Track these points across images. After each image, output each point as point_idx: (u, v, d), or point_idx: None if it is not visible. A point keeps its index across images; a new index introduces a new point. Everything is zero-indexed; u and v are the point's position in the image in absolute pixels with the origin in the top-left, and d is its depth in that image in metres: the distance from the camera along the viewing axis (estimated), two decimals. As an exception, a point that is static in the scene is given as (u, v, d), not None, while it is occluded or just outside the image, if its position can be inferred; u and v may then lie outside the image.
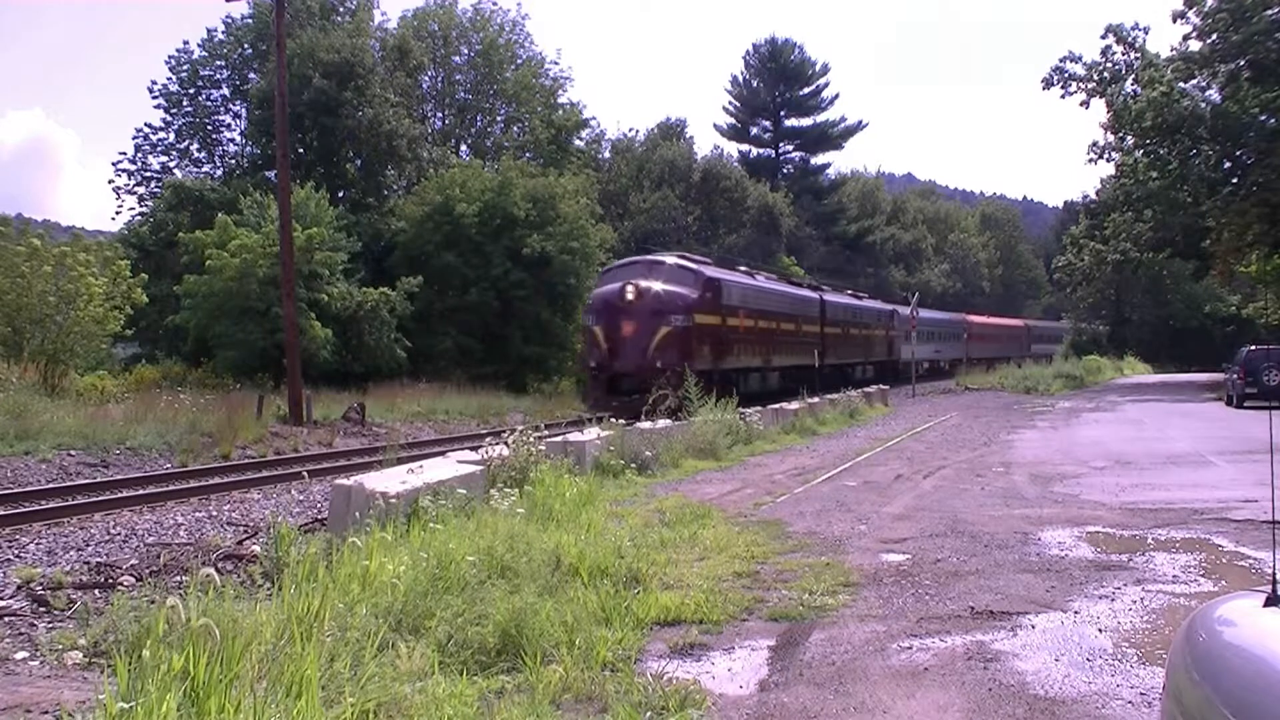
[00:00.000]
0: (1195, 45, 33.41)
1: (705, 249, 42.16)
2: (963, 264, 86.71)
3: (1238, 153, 33.29)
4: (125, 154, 49.75)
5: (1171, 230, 36.82)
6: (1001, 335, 64.56)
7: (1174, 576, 7.03)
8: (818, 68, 71.33)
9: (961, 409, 27.38)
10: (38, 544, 8.40)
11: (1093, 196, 44.87)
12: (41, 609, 6.31)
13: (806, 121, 72.27)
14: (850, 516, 9.80)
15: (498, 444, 10.54)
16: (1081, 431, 20.35)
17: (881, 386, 31.26)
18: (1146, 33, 35.50)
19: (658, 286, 24.22)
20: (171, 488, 12.51)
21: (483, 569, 6.06)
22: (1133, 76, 34.87)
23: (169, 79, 41.72)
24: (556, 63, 53.80)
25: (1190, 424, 21.41)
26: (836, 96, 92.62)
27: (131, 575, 7.20)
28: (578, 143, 50.92)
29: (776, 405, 20.79)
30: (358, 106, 37.18)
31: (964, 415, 24.91)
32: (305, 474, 8.40)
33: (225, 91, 42.47)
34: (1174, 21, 33.76)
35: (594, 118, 60.05)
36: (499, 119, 50.41)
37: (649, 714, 4.31)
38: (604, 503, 9.86)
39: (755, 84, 71.42)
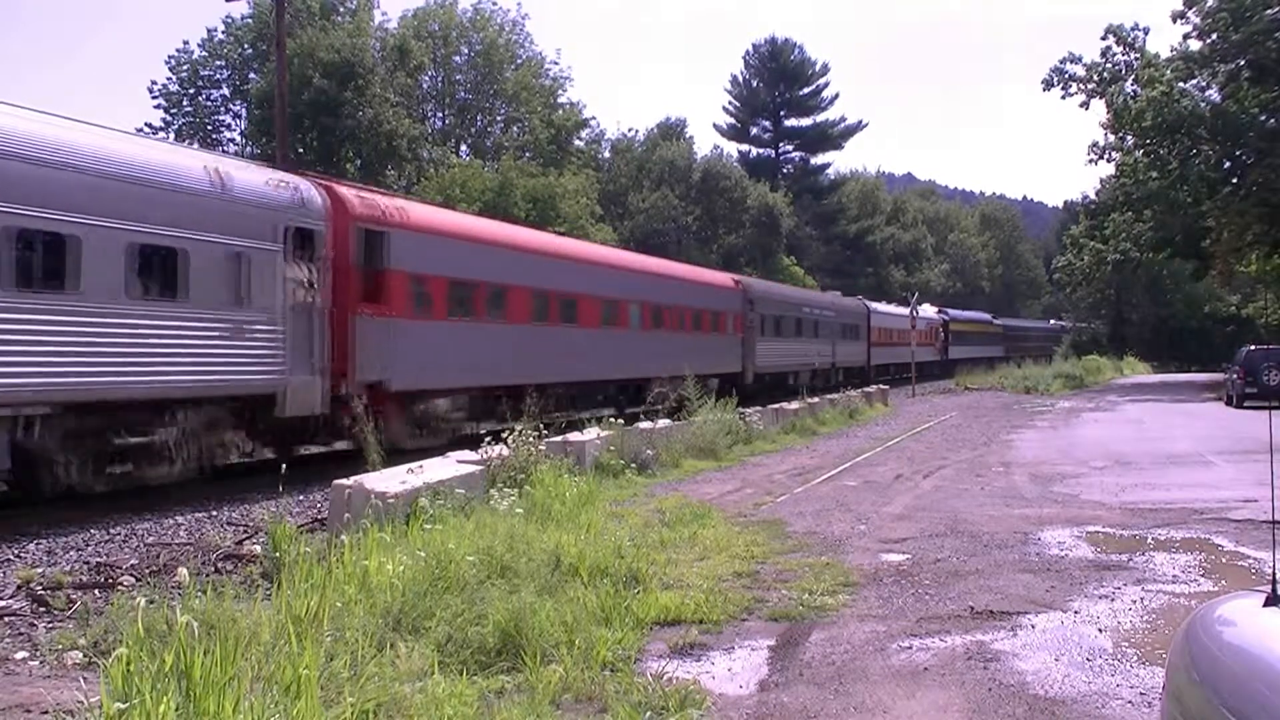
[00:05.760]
0: (1195, 45, 33.44)
1: (705, 249, 41.92)
2: (963, 264, 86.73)
3: (1238, 153, 33.29)
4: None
5: (1171, 230, 36.82)
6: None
7: (1174, 576, 7.03)
8: (817, 68, 71.50)
9: (961, 409, 27.36)
10: (38, 544, 8.39)
11: (1093, 197, 44.88)
12: (41, 609, 6.30)
13: (806, 121, 72.42)
14: (850, 516, 9.79)
15: (497, 444, 10.52)
16: (1081, 431, 20.35)
17: (881, 386, 31.12)
18: (1146, 33, 35.56)
19: None
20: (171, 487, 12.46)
21: (482, 569, 6.05)
22: (1133, 77, 34.86)
23: (169, 79, 41.76)
24: (556, 63, 53.48)
25: (1190, 424, 21.41)
26: (836, 96, 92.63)
27: (131, 575, 7.19)
28: (578, 143, 50.86)
29: (776, 405, 20.76)
30: (358, 106, 37.16)
31: (964, 415, 24.90)
32: (283, 466, 8.54)
33: (225, 91, 42.48)
34: (1174, 21, 33.81)
35: (594, 118, 59.94)
36: (499, 119, 50.34)
37: (649, 714, 4.30)
38: (604, 502, 9.84)
39: (755, 84, 71.46)
